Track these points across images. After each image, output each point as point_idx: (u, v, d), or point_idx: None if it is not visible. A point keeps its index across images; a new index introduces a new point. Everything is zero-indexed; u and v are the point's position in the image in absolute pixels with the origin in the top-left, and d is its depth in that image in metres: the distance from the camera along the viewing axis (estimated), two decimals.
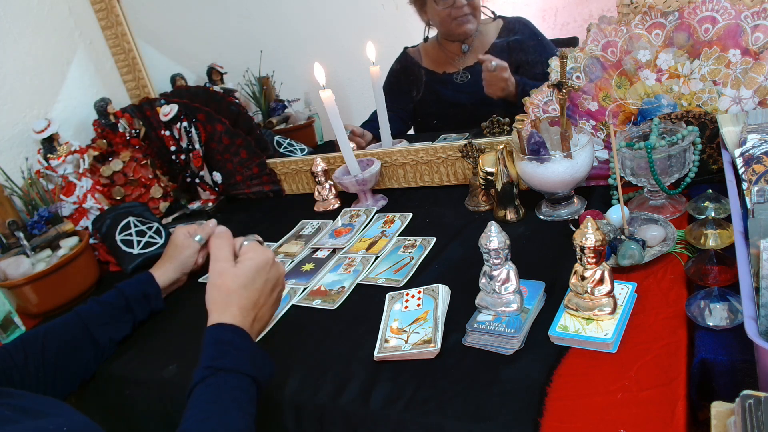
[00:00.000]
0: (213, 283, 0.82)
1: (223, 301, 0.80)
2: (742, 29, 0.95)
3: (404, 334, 0.86)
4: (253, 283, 0.83)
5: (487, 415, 0.70)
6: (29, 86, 1.53)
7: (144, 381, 0.97)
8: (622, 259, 0.88)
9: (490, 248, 0.80)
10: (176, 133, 1.56)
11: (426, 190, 1.39)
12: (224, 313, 0.79)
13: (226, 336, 0.77)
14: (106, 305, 1.04)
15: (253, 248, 0.86)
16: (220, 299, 0.80)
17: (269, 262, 0.86)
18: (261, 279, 0.84)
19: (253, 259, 0.84)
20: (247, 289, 0.82)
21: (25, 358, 0.92)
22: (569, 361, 0.75)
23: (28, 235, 1.28)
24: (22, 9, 1.52)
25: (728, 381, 0.68)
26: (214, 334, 0.78)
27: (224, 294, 0.81)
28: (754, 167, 0.80)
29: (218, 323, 0.78)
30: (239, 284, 0.81)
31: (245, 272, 0.83)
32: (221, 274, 0.82)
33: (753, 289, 0.63)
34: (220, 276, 0.82)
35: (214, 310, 0.80)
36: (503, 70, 1.29)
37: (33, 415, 0.70)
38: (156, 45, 1.70)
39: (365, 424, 0.76)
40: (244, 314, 0.80)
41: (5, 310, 1.19)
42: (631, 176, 1.00)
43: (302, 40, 1.57)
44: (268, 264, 0.85)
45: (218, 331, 0.78)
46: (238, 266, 0.83)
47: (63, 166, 1.47)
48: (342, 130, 1.28)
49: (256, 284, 0.83)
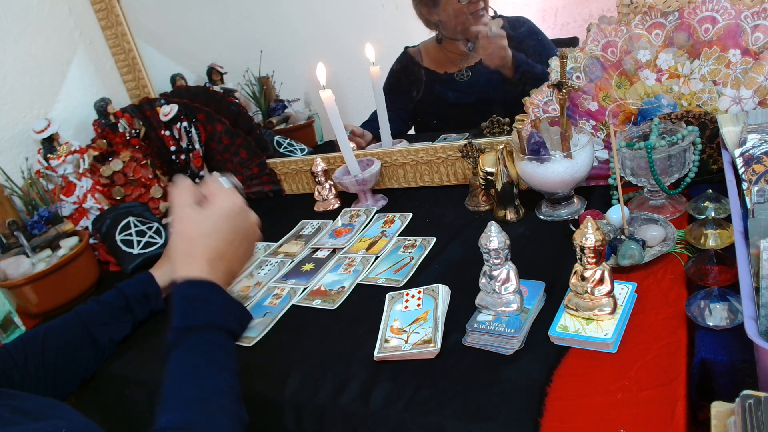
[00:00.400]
0: (174, 231, 0.74)
1: (187, 251, 0.73)
2: (742, 29, 0.95)
3: (404, 334, 0.86)
4: (219, 231, 0.74)
5: (487, 415, 0.70)
6: (29, 86, 1.53)
7: (144, 381, 0.97)
8: (622, 259, 0.88)
9: (490, 248, 0.80)
10: (176, 133, 1.56)
11: (426, 190, 1.39)
12: (190, 266, 0.72)
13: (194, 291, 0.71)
14: (106, 305, 1.04)
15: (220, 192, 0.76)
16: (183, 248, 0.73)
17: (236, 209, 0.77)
18: (228, 226, 0.75)
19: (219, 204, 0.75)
20: (211, 237, 0.73)
21: (25, 358, 0.92)
22: (569, 361, 0.75)
23: (28, 235, 1.28)
24: (22, 9, 1.52)
25: (728, 381, 0.68)
26: (182, 291, 0.71)
27: (186, 242, 0.73)
28: (754, 167, 0.80)
29: (186, 279, 0.71)
30: (202, 231, 0.73)
31: (210, 218, 0.74)
32: (182, 220, 0.74)
33: (753, 289, 0.63)
34: (182, 221, 0.74)
35: (179, 261, 0.73)
36: (501, 38, 1.29)
37: (33, 417, 0.70)
38: (156, 45, 1.70)
39: (365, 424, 0.76)
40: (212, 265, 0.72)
41: (5, 310, 1.19)
42: (631, 176, 1.00)
43: (302, 40, 1.57)
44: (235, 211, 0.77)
45: (186, 287, 0.71)
46: (201, 211, 0.75)
47: (63, 166, 1.47)
48: (342, 130, 1.28)
49: (222, 232, 0.74)
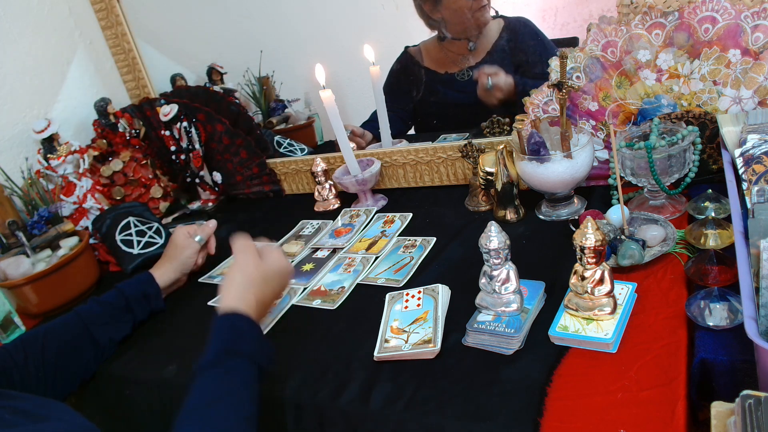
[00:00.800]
0: (239, 267, 0.83)
1: (243, 287, 0.81)
2: (742, 29, 0.95)
3: (404, 334, 0.86)
4: (272, 280, 0.84)
5: (487, 415, 0.70)
6: (29, 86, 1.53)
7: (144, 381, 0.97)
8: (622, 259, 0.88)
9: (490, 248, 0.80)
10: (176, 133, 1.56)
11: (426, 190, 1.39)
12: (241, 300, 0.80)
13: (242, 323, 0.78)
14: (106, 305, 1.04)
15: (278, 253, 0.88)
16: (241, 283, 0.81)
17: (289, 271, 0.88)
18: (277, 281, 0.86)
19: (279, 261, 0.86)
20: (267, 283, 0.83)
21: (25, 358, 0.92)
22: (569, 361, 0.75)
23: (28, 235, 1.28)
24: (22, 9, 1.52)
25: (728, 381, 0.68)
26: (232, 320, 0.78)
27: (247, 280, 0.82)
28: (754, 167, 0.80)
29: (234, 310, 0.79)
30: (262, 276, 0.83)
31: (270, 268, 0.84)
32: (248, 262, 0.83)
33: (753, 289, 0.63)
34: (247, 263, 0.83)
35: (232, 294, 0.81)
36: (498, 90, 1.30)
37: (33, 419, 0.70)
38: (156, 45, 1.70)
39: (365, 424, 0.76)
40: (257, 306, 0.81)
41: (5, 310, 1.19)
42: (631, 176, 1.00)
43: (302, 40, 1.57)
44: (287, 272, 0.88)
45: (235, 317, 0.78)
46: (264, 261, 0.85)
47: (63, 166, 1.47)
48: (342, 130, 1.28)
49: (273, 283, 0.84)
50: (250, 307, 0.80)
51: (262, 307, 0.82)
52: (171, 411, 0.94)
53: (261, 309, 0.82)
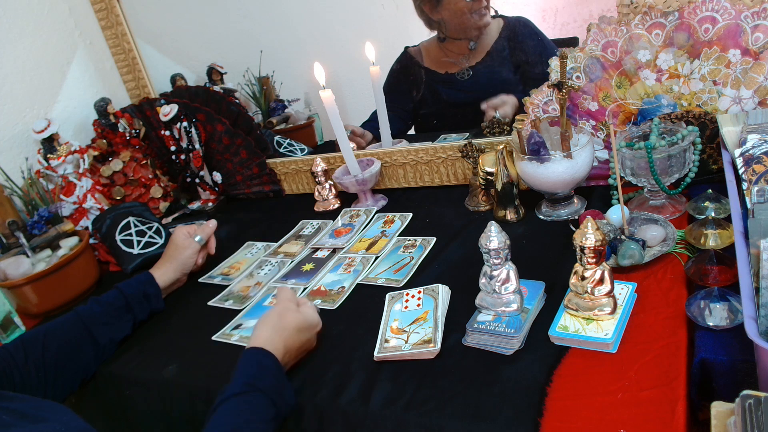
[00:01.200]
0: (276, 312, 0.87)
1: (276, 331, 0.84)
2: (742, 29, 0.95)
3: (404, 334, 0.86)
4: (304, 332, 0.87)
5: (487, 415, 0.70)
6: (29, 86, 1.53)
7: (144, 381, 0.97)
8: (622, 259, 0.88)
9: (490, 248, 0.80)
10: (176, 133, 1.56)
11: (426, 190, 1.39)
12: (272, 343, 0.83)
13: (268, 361, 0.80)
14: (106, 305, 1.04)
15: (312, 307, 0.92)
16: (275, 328, 0.85)
17: (318, 326, 0.91)
18: (307, 334, 0.88)
19: (312, 316, 0.90)
20: (299, 333, 0.86)
21: (25, 358, 0.92)
22: (569, 361, 0.75)
23: (28, 235, 1.28)
24: (22, 9, 1.52)
25: (728, 381, 0.68)
26: (259, 357, 0.81)
27: (281, 326, 0.85)
28: (754, 167, 0.80)
29: (264, 349, 0.81)
30: (295, 326, 0.86)
31: (304, 319, 0.88)
32: (287, 310, 0.88)
33: (753, 289, 0.63)
34: (286, 311, 0.88)
35: (264, 335, 0.84)
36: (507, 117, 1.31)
37: (31, 420, 0.70)
38: (156, 45, 1.70)
39: (365, 424, 0.76)
40: (285, 352, 0.84)
41: (5, 310, 1.19)
42: (631, 176, 1.00)
43: (302, 40, 1.57)
44: (317, 327, 0.91)
45: (263, 355, 0.81)
46: (300, 312, 0.89)
47: (63, 166, 1.47)
48: (342, 130, 1.28)
49: (303, 336, 0.87)
50: (278, 351, 0.82)
51: (287, 354, 0.84)
52: (171, 411, 0.94)
53: (287, 355, 0.84)
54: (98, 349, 1.01)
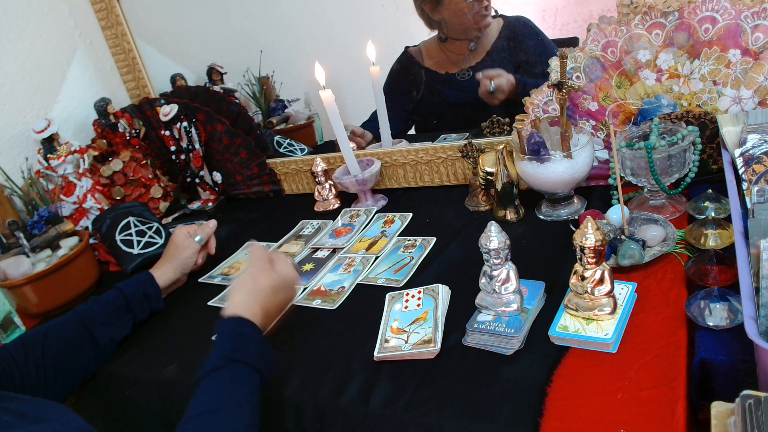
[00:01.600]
0: (249, 275, 0.85)
1: (251, 295, 0.82)
2: (742, 29, 0.95)
3: (404, 334, 0.86)
4: (280, 291, 0.86)
5: (487, 415, 0.70)
6: (29, 86, 1.53)
7: (144, 381, 0.97)
8: (622, 259, 0.88)
9: (490, 248, 0.80)
10: (176, 133, 1.56)
11: (426, 190, 1.39)
12: (248, 308, 0.81)
13: (246, 330, 0.79)
14: (106, 305, 1.04)
15: (287, 263, 0.90)
16: (249, 291, 0.83)
17: (296, 282, 0.90)
18: (285, 292, 0.87)
19: (287, 272, 0.88)
20: (275, 293, 0.85)
21: (25, 358, 0.92)
22: (569, 361, 0.75)
23: (28, 235, 1.28)
24: (22, 9, 1.52)
25: (728, 381, 0.68)
26: (235, 326, 0.79)
27: (255, 289, 0.83)
28: (754, 167, 0.80)
29: (239, 316, 0.79)
30: (270, 286, 0.84)
31: (279, 277, 0.86)
32: (261, 270, 0.85)
33: (753, 289, 0.63)
34: (259, 272, 0.85)
35: (239, 300, 0.82)
36: (501, 92, 1.30)
37: (31, 420, 0.70)
38: (156, 45, 1.70)
39: (365, 424, 0.76)
40: (263, 314, 0.82)
41: (5, 310, 1.19)
42: (631, 176, 1.00)
43: (302, 40, 1.57)
44: (294, 283, 0.89)
45: (239, 323, 0.79)
46: (275, 271, 0.87)
47: (63, 166, 1.47)
48: (342, 130, 1.28)
49: (280, 294, 0.86)
50: (255, 315, 0.80)
51: (267, 316, 0.83)
52: (171, 411, 0.94)
53: (266, 318, 0.83)
54: (98, 349, 1.01)
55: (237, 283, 0.85)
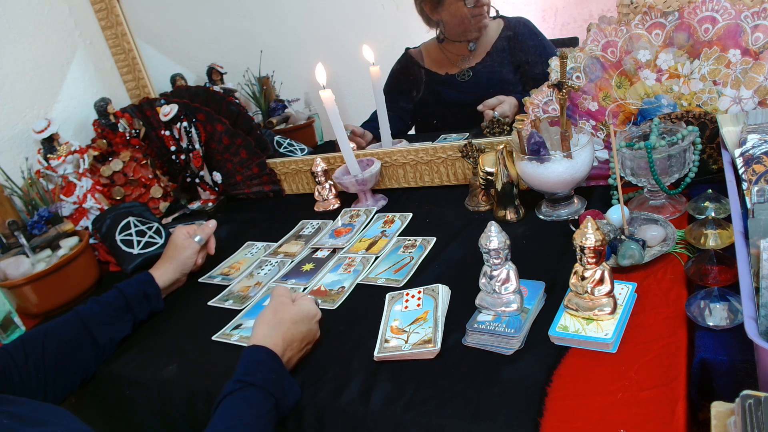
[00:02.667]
0: (270, 308, 0.89)
1: (272, 327, 0.86)
2: (742, 29, 0.95)
3: (404, 334, 0.86)
4: (301, 323, 0.88)
5: (487, 415, 0.70)
6: (29, 86, 1.53)
7: (144, 381, 0.97)
8: (622, 259, 0.88)
9: (490, 248, 0.80)
10: (176, 133, 1.56)
11: (426, 190, 1.39)
12: (268, 338, 0.84)
13: (260, 356, 0.82)
14: (106, 305, 1.04)
15: (308, 299, 0.93)
16: (271, 323, 0.86)
17: (317, 317, 0.92)
18: (306, 325, 0.89)
19: (308, 306, 0.91)
20: (296, 324, 0.87)
21: (25, 359, 0.92)
22: (569, 361, 0.75)
23: (28, 235, 1.28)
24: (22, 9, 1.52)
25: (728, 381, 0.68)
26: (252, 354, 0.82)
27: (277, 321, 0.87)
28: (754, 167, 0.80)
29: (257, 344, 0.83)
30: (291, 318, 0.87)
31: (300, 312, 0.89)
32: (282, 305, 0.90)
33: (753, 289, 0.63)
34: (280, 306, 0.90)
35: (260, 332, 0.85)
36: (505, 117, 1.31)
37: (30, 424, 0.70)
38: (156, 45, 1.71)
39: (365, 424, 0.76)
40: (284, 345, 0.85)
41: (5, 310, 1.19)
42: (631, 176, 1.00)
43: (302, 40, 1.57)
44: (316, 317, 0.92)
45: (255, 351, 0.82)
46: (295, 305, 0.90)
47: (63, 166, 1.47)
48: (342, 130, 1.28)
49: (301, 327, 0.88)
50: (276, 345, 0.83)
51: (288, 346, 0.86)
52: (171, 411, 0.94)
53: (288, 347, 0.85)
54: (98, 349, 1.01)
55: (259, 316, 0.88)
